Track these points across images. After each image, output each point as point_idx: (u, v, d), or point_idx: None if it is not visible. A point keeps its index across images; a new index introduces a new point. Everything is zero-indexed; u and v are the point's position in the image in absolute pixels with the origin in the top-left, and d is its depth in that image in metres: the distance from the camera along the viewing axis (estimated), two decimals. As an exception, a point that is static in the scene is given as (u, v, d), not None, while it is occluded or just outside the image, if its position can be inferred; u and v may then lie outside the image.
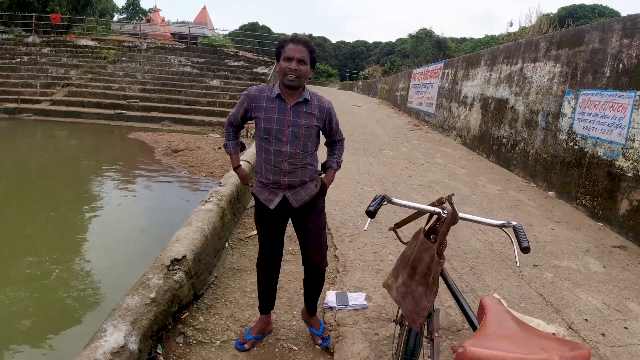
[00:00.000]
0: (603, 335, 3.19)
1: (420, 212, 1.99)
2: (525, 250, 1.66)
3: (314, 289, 2.71)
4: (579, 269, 4.36)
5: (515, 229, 1.78)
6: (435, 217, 1.86)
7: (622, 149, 5.65)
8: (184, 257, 2.98)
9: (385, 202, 1.86)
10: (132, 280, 2.87)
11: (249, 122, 2.61)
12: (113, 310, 2.31)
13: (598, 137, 6.17)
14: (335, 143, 2.72)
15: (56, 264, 4.67)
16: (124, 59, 20.26)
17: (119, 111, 15.47)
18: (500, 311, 1.26)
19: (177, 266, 2.88)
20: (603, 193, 5.94)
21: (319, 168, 2.68)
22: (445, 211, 1.79)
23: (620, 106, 5.74)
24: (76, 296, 4.08)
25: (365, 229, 1.88)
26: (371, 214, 1.77)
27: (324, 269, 2.67)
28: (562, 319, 3.35)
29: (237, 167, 2.74)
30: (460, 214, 1.79)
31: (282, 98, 2.38)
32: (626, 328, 3.32)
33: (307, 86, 2.50)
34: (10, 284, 4.19)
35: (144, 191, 7.49)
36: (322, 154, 2.58)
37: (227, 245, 4.11)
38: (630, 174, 5.45)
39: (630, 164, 5.46)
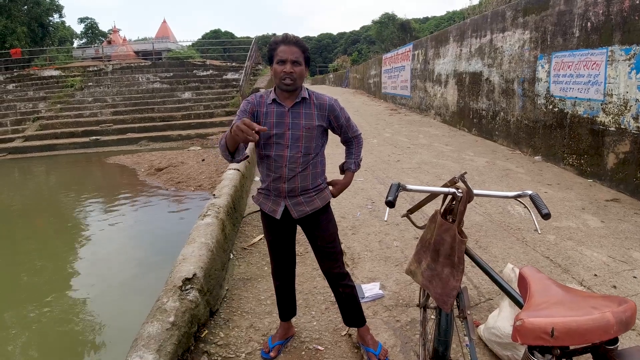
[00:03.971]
0: (615, 287, 3.25)
1: (433, 195, 1.99)
2: (546, 216, 1.68)
3: (343, 297, 2.59)
4: (578, 227, 4.43)
5: (532, 197, 1.79)
6: (449, 197, 1.87)
7: (601, 104, 5.76)
8: (195, 275, 2.94)
9: (401, 190, 1.85)
10: (144, 306, 2.83)
11: None
12: (135, 341, 2.26)
13: (576, 97, 6.27)
14: (350, 141, 2.60)
15: (59, 303, 4.59)
16: (90, 84, 19.91)
17: (94, 137, 15.21)
18: (543, 279, 1.28)
19: (190, 285, 2.84)
20: (589, 150, 6.04)
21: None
22: (459, 190, 1.80)
23: (594, 64, 5.84)
24: (88, 330, 4.01)
25: (385, 219, 1.87)
26: (391, 203, 1.76)
27: (343, 275, 2.56)
28: (573, 278, 3.40)
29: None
30: (475, 191, 1.79)
31: (278, 102, 2.32)
32: (635, 277, 3.39)
33: (306, 85, 2.44)
34: (13, 327, 4.11)
35: (135, 215, 7.39)
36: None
37: (232, 256, 4.08)
38: (612, 128, 5.56)
39: (612, 118, 5.57)
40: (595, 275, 3.44)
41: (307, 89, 2.39)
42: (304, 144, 2.32)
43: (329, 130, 2.51)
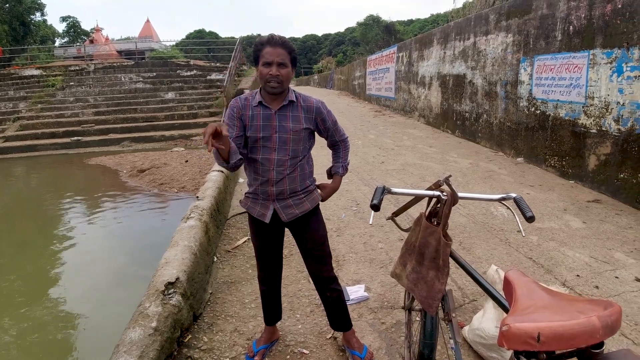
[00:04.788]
0: (597, 287, 3.30)
1: (418, 198, 1.99)
2: (530, 219, 1.68)
3: (330, 301, 2.56)
4: (560, 228, 4.49)
5: (516, 200, 1.79)
6: (434, 200, 1.86)
7: (582, 107, 5.84)
8: (178, 279, 2.89)
9: (386, 193, 1.84)
10: (126, 310, 2.78)
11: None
12: (117, 347, 2.22)
13: (558, 99, 6.35)
14: (337, 144, 2.55)
15: (39, 307, 4.48)
16: (72, 84, 19.57)
17: (76, 138, 14.95)
18: (528, 282, 1.28)
19: (172, 289, 2.80)
20: (570, 152, 6.13)
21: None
22: (444, 193, 1.79)
23: (576, 67, 5.92)
24: (68, 335, 3.93)
25: (370, 222, 1.86)
26: (376, 207, 1.75)
27: (332, 278, 2.54)
28: (556, 278, 3.44)
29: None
30: (460, 194, 1.79)
31: (264, 105, 2.27)
32: (617, 277, 3.44)
33: (292, 87, 2.40)
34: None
35: (117, 217, 7.27)
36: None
37: (215, 259, 4.04)
38: (594, 130, 5.64)
39: (593, 120, 5.65)
40: (578, 275, 3.49)
41: (294, 91, 2.34)
42: (292, 147, 2.28)
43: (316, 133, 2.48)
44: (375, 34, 33.41)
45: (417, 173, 6.79)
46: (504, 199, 1.85)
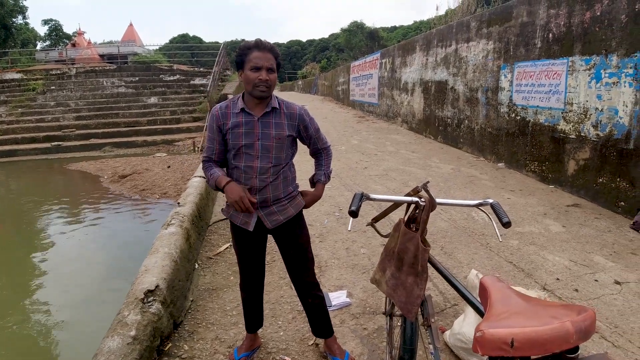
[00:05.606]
0: (576, 290, 3.34)
1: (397, 204, 1.99)
2: (506, 225, 1.70)
3: (312, 308, 2.56)
4: (540, 232, 4.55)
5: (493, 206, 1.81)
6: (413, 206, 1.87)
7: (561, 113, 5.94)
8: (157, 286, 2.85)
9: (364, 199, 1.84)
10: (106, 319, 2.73)
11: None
12: (95, 356, 2.17)
13: (538, 106, 6.46)
14: (320, 152, 2.51)
15: (16, 316, 4.38)
16: (53, 88, 19.31)
17: (56, 143, 14.75)
18: (503, 288, 1.28)
19: (152, 297, 2.75)
20: (550, 157, 6.22)
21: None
22: (422, 199, 1.80)
23: (555, 73, 6.03)
24: (46, 345, 3.85)
25: (349, 229, 1.86)
26: (354, 213, 1.75)
27: (315, 284, 2.53)
28: (536, 282, 3.48)
29: (228, 183, 2.25)
30: (437, 200, 1.80)
31: (247, 111, 2.24)
32: (596, 280, 3.50)
33: (275, 93, 2.35)
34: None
35: (97, 224, 7.16)
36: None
37: (197, 266, 3.99)
38: (573, 136, 5.74)
39: (572, 126, 5.75)
40: (558, 279, 3.53)
41: (276, 97, 2.32)
42: (274, 154, 2.26)
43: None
44: (359, 40, 33.56)
45: (400, 178, 6.83)
46: (481, 204, 1.87)
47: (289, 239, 2.44)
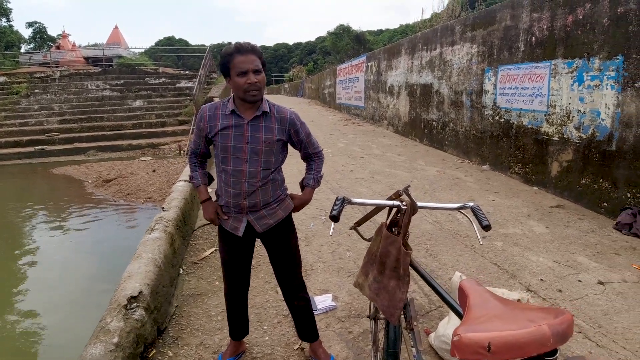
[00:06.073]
0: (560, 291, 3.38)
1: (379, 208, 2.00)
2: (486, 228, 1.71)
3: (297, 310, 2.55)
4: (524, 233, 4.59)
5: (473, 209, 1.82)
6: (394, 210, 1.87)
7: (545, 115, 6.02)
8: (141, 292, 2.82)
9: (346, 204, 1.84)
10: (89, 326, 2.69)
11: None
12: (76, 364, 2.14)
13: (521, 108, 6.53)
14: (311, 157, 2.49)
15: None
16: (37, 91, 19.00)
17: (40, 147, 14.52)
18: (482, 292, 1.29)
19: (135, 303, 2.73)
20: (533, 159, 6.29)
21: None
22: (404, 203, 1.81)
23: (538, 76, 6.11)
24: (28, 353, 3.77)
25: (330, 233, 1.86)
26: (335, 218, 1.75)
27: (302, 285, 2.55)
28: (520, 283, 3.51)
29: (205, 200, 2.42)
30: (419, 203, 1.81)
31: (237, 114, 2.21)
32: (580, 281, 3.54)
33: (266, 97, 2.32)
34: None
35: (80, 229, 7.06)
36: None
37: (181, 271, 3.96)
38: (556, 138, 5.81)
39: (555, 128, 5.82)
40: (542, 280, 3.57)
41: (267, 101, 2.29)
42: (264, 158, 2.23)
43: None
44: (346, 43, 33.69)
45: (386, 181, 6.85)
46: (462, 207, 1.88)
47: (279, 242, 2.43)
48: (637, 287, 3.44)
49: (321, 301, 3.30)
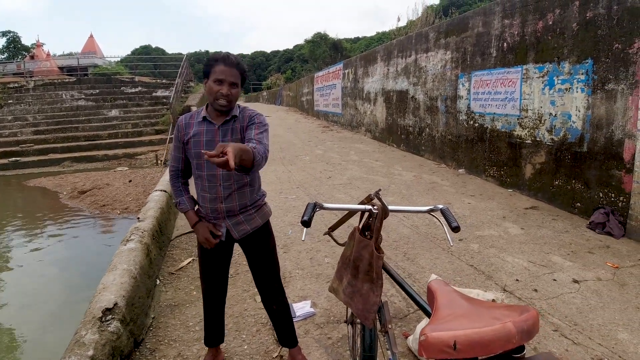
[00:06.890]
0: (536, 290, 3.44)
1: (352, 212, 2.01)
2: (455, 229, 1.74)
3: (277, 315, 2.56)
4: (500, 235, 4.67)
5: (442, 211, 1.85)
6: (367, 214, 1.89)
7: (517, 119, 6.15)
8: (116, 304, 2.78)
9: (317, 209, 1.85)
10: (63, 339, 2.64)
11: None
12: (47, 378, 2.10)
13: (494, 113, 6.65)
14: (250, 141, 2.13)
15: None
16: (10, 101, 18.59)
17: (14, 159, 14.20)
18: (449, 292, 1.31)
19: (110, 316, 2.68)
20: (508, 162, 6.41)
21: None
22: (375, 207, 1.83)
23: (510, 81, 6.24)
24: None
25: (303, 239, 1.86)
26: (306, 223, 1.76)
27: (282, 290, 2.57)
28: (496, 284, 3.57)
29: (196, 223, 2.36)
30: (390, 207, 1.83)
31: (208, 120, 2.27)
32: (555, 280, 3.61)
33: (240, 103, 2.36)
34: None
35: (55, 241, 6.92)
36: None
37: (158, 282, 3.91)
38: (529, 141, 5.94)
39: (527, 131, 5.95)
40: (517, 280, 3.63)
41: (238, 105, 2.34)
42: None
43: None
44: (323, 51, 33.86)
45: (364, 187, 6.89)
46: (432, 210, 1.91)
47: (257, 247, 2.46)
48: (611, 284, 3.53)
49: (300, 308, 3.30)
